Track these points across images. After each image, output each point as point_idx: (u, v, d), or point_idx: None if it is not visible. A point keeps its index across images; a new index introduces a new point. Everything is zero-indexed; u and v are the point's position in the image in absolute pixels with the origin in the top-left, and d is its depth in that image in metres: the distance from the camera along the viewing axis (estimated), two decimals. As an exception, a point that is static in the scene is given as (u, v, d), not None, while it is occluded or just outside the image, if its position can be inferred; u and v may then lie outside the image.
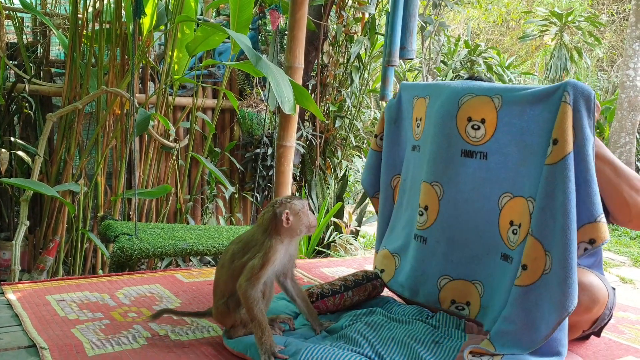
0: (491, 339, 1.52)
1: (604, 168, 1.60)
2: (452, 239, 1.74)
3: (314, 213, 1.67)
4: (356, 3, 4.92)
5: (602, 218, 1.46)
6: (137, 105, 3.16)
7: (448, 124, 1.72)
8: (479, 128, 1.66)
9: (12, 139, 3.39)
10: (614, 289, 1.74)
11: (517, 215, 1.59)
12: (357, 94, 5.15)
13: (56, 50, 4.04)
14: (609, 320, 1.72)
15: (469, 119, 1.68)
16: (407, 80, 7.74)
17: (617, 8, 13.00)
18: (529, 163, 1.58)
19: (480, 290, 1.67)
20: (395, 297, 2.03)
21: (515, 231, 1.59)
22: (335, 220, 4.70)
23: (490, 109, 1.64)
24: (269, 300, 1.61)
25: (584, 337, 1.77)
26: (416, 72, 7.95)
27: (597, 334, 1.75)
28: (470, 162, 1.68)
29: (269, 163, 4.36)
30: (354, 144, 5.31)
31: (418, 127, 1.90)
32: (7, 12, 3.68)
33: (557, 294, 1.43)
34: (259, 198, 4.44)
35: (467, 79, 1.98)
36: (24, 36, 3.75)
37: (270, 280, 1.58)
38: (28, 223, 2.98)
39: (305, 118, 4.86)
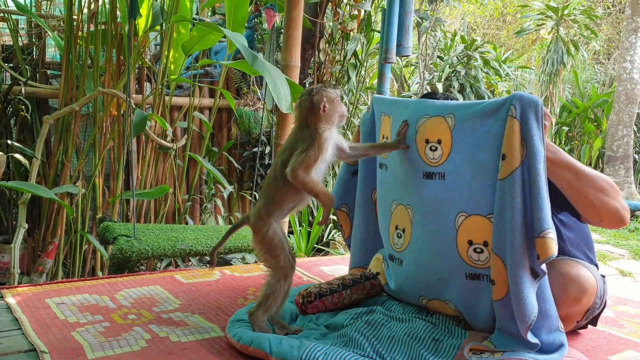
0: (492, 340, 1.54)
1: (565, 174, 1.58)
2: (419, 262, 1.74)
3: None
4: (352, 0, 4.91)
5: (549, 233, 1.43)
6: (134, 106, 3.16)
7: (410, 147, 1.71)
8: (436, 149, 1.65)
9: (9, 141, 3.39)
10: (603, 276, 1.75)
11: (476, 233, 1.58)
12: (354, 91, 5.14)
13: (52, 52, 4.02)
14: (603, 309, 1.74)
15: (427, 141, 1.67)
16: (404, 77, 7.73)
17: (613, 1, 13.00)
18: (482, 180, 1.57)
19: (454, 308, 1.68)
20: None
21: (478, 249, 1.58)
22: (335, 217, 4.70)
23: (445, 129, 1.63)
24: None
25: (582, 328, 1.78)
26: (413, 67, 7.94)
27: (593, 323, 1.76)
28: (430, 184, 1.67)
29: (267, 162, 4.36)
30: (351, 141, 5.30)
31: None
32: (1, 14, 3.67)
33: (515, 309, 1.46)
34: (257, 197, 4.43)
35: (422, 97, 1.99)
36: (19, 38, 3.74)
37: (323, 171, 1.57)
38: (27, 226, 2.98)
39: (303, 116, 4.85)
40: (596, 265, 1.80)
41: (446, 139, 1.63)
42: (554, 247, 1.42)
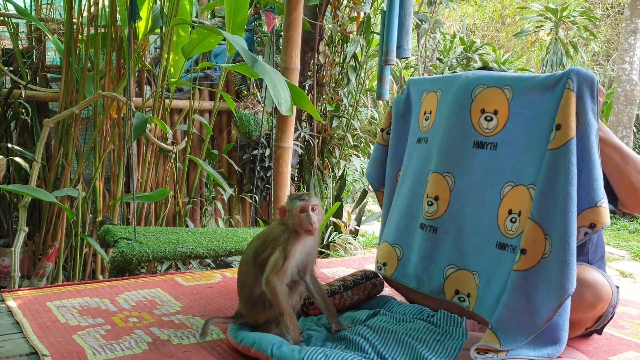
0: (492, 328, 1.51)
1: (611, 153, 1.59)
2: (459, 229, 1.75)
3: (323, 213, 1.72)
4: (351, 2, 4.91)
5: (603, 203, 1.47)
6: (134, 109, 3.16)
7: (462, 116, 1.74)
8: (491, 119, 1.69)
9: (10, 145, 3.38)
10: (617, 287, 1.74)
11: (516, 203, 1.60)
12: (354, 93, 5.15)
13: (52, 55, 4.02)
14: (612, 317, 1.73)
15: (482, 111, 1.70)
16: (404, 79, 7.74)
17: (612, 2, 13.01)
18: (533, 151, 1.59)
19: (477, 280, 1.67)
20: (396, 296, 2.03)
21: (513, 219, 1.60)
22: (334, 220, 4.70)
23: (503, 100, 1.66)
24: (302, 293, 1.69)
25: (586, 335, 1.78)
26: (412, 69, 7.94)
27: (599, 331, 1.75)
28: (481, 153, 1.70)
29: (267, 164, 4.36)
30: (352, 143, 5.30)
31: (427, 120, 1.90)
32: (1, 18, 3.67)
33: (557, 276, 1.44)
34: (257, 199, 4.43)
35: (478, 69, 1.99)
36: (19, 42, 3.74)
37: (294, 273, 1.64)
38: (27, 229, 2.98)
39: (303, 118, 4.86)
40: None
41: (503, 111, 1.66)
42: (608, 217, 1.46)
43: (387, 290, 2.11)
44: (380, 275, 2.01)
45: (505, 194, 1.64)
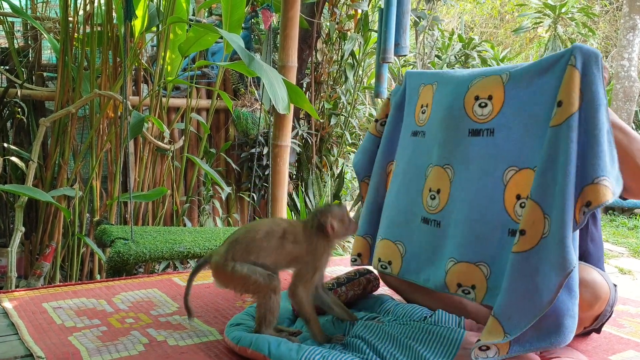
0: (495, 315, 1.46)
1: (616, 133, 1.52)
2: (461, 221, 1.69)
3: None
4: (349, 0, 4.90)
5: (602, 180, 1.38)
6: (131, 108, 3.15)
7: (456, 105, 1.71)
8: (486, 105, 1.64)
9: (6, 144, 3.37)
10: (615, 285, 1.73)
11: (524, 187, 1.55)
12: (352, 91, 5.13)
13: (48, 54, 4.00)
14: (610, 316, 1.72)
15: (476, 98, 1.66)
16: (402, 76, 7.71)
17: (610, -2, 13.00)
18: (534, 132, 1.54)
19: (486, 271, 1.61)
20: (393, 296, 2.02)
21: (523, 204, 1.54)
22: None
23: (497, 84, 1.62)
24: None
25: (584, 334, 1.77)
26: (410, 67, 7.93)
27: (598, 330, 1.74)
28: (477, 141, 1.65)
29: (265, 162, 4.34)
30: (350, 141, 5.29)
31: (423, 113, 1.88)
32: (-3, 16, 3.65)
33: (556, 255, 1.39)
34: (255, 198, 4.42)
35: None
36: (15, 41, 3.72)
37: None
38: (24, 229, 2.97)
39: (301, 116, 4.84)
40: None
41: (498, 94, 1.62)
42: (608, 194, 1.37)
43: (386, 290, 2.09)
44: (375, 271, 1.99)
45: (509, 180, 1.59)
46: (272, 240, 1.61)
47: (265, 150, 4.32)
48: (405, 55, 2.73)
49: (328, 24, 4.81)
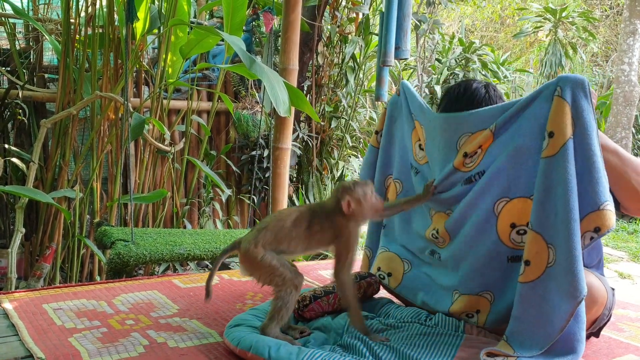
0: (507, 340, 1.51)
1: (609, 157, 1.57)
2: (460, 258, 1.73)
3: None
4: (350, 3, 4.91)
5: (607, 205, 1.44)
6: (132, 110, 3.15)
7: (447, 168, 1.73)
8: (475, 154, 1.67)
9: (7, 146, 3.37)
10: (613, 289, 1.73)
11: (520, 215, 1.58)
12: (353, 94, 5.14)
13: (49, 55, 4.01)
14: (608, 320, 1.72)
15: (465, 155, 1.69)
16: (402, 79, 7.72)
17: (611, 3, 13.02)
18: (521, 163, 1.57)
19: (490, 298, 1.66)
20: (393, 299, 2.02)
21: (521, 231, 1.59)
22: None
23: (487, 136, 1.65)
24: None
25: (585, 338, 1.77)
26: (411, 70, 7.93)
27: (596, 334, 1.74)
28: (470, 186, 1.69)
29: (265, 165, 4.35)
30: (351, 144, 5.30)
31: (421, 149, 1.90)
32: (-1, 18, 3.66)
33: (565, 285, 1.42)
34: (255, 200, 4.42)
35: (462, 82, 1.92)
36: (17, 42, 3.73)
37: None
38: (24, 230, 2.97)
39: (301, 119, 4.85)
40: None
41: (488, 143, 1.65)
42: (613, 219, 1.44)
43: (384, 293, 2.09)
44: (386, 281, 2.00)
45: (501, 210, 1.62)
46: (300, 228, 1.60)
47: (265, 153, 4.32)
48: (406, 59, 2.73)
49: (329, 27, 4.82)
